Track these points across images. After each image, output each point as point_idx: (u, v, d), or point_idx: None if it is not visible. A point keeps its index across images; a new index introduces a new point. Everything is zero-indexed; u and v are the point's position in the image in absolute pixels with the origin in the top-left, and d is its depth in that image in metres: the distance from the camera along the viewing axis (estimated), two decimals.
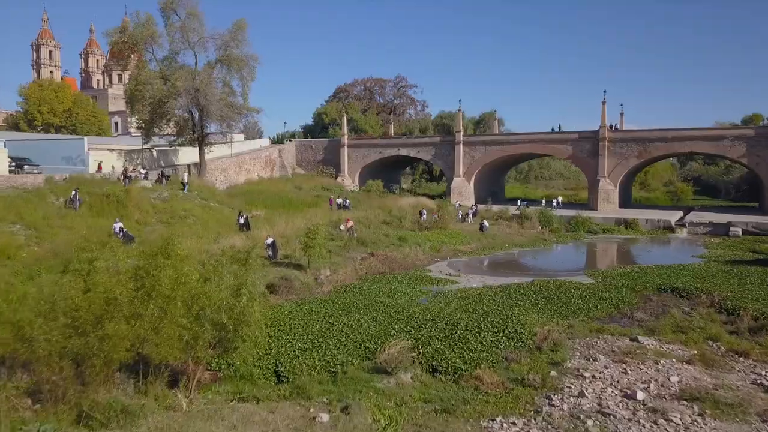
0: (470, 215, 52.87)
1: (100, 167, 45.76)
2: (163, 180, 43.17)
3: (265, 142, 75.54)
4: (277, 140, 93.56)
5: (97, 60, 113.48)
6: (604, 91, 60.46)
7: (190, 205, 36.83)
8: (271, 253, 28.45)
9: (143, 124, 48.19)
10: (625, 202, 62.91)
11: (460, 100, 67.26)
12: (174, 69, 46.92)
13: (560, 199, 59.81)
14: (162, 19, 47.57)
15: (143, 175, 43.90)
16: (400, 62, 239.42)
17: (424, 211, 46.80)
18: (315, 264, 27.38)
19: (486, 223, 45.37)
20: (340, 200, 49.42)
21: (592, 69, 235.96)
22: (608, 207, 57.91)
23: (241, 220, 32.16)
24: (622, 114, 67.44)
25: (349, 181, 70.22)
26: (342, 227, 36.79)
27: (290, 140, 79.40)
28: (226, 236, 30.76)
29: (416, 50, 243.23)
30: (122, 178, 39.54)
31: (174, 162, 54.56)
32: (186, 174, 41.52)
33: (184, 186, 40.42)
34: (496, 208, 58.70)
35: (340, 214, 43.48)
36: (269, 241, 28.68)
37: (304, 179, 66.54)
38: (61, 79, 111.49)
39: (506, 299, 24.19)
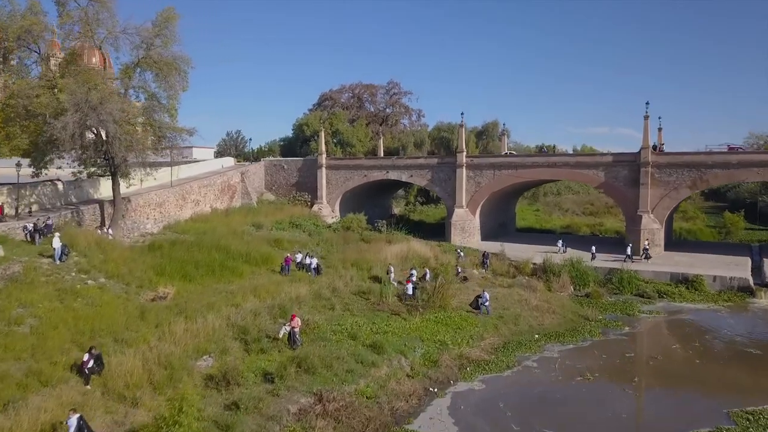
0: (485, 264, 38.74)
1: (0, 210, 31.30)
2: (37, 236, 28.62)
3: (228, 161, 60.75)
4: (252, 156, 79.06)
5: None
6: (647, 103, 45.18)
7: (41, 293, 22.23)
8: None
9: (31, 151, 33.72)
10: (668, 239, 48.51)
11: (462, 114, 52.14)
12: (70, 75, 32.59)
13: (647, 245, 42.22)
14: (57, 8, 33.49)
15: (29, 228, 29.23)
16: (393, 66, 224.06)
17: (392, 269, 32.51)
18: None
19: (486, 297, 28.98)
20: (300, 256, 34.70)
21: (599, 75, 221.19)
22: (653, 251, 43.50)
23: (91, 363, 17.11)
24: (660, 129, 52.71)
25: (328, 209, 55.77)
26: (283, 330, 22.32)
27: (258, 159, 64.67)
28: (56, 385, 16.35)
29: (410, 53, 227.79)
30: None
31: (92, 196, 40.08)
32: (59, 236, 26.46)
33: (57, 251, 25.77)
34: (509, 249, 44.42)
35: (294, 286, 29.02)
36: (71, 423, 13.90)
37: (271, 209, 52.04)
38: None
39: None
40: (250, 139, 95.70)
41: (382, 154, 64.13)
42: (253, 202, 54.21)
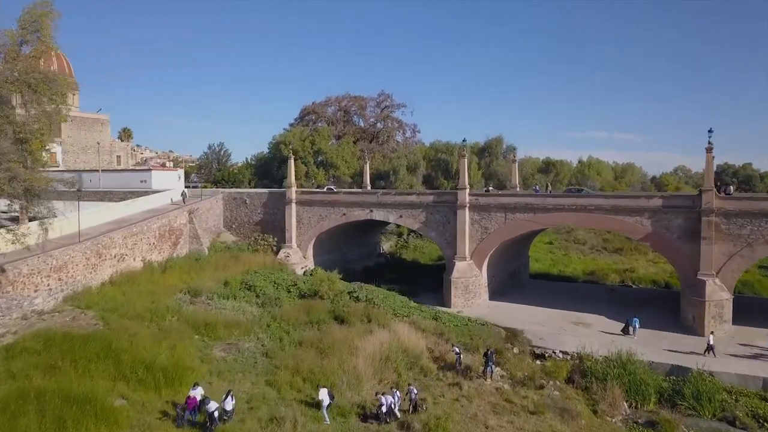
0: (489, 370, 26.66)
1: None
2: None
3: (176, 194, 48.15)
4: (225, 178, 67.18)
5: None
6: (710, 131, 32.63)
7: None
8: None
9: None
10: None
11: (464, 140, 40.51)
12: None
13: None
14: None
15: None
16: (386, 76, 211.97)
17: (325, 393, 20.56)
18: None
19: None
20: (200, 390, 20.62)
21: (598, 77, 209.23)
22: (720, 328, 31.60)
23: None
24: (712, 157, 40.22)
25: (298, 255, 43.81)
26: None
27: (203, 187, 52.21)
28: None
29: (404, 60, 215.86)
30: None
31: None
32: None
33: None
34: (528, 319, 33.24)
35: None
36: None
37: (223, 260, 39.95)
38: None
39: None
40: (230, 154, 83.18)
41: (368, 181, 52.34)
42: (204, 249, 42.19)
